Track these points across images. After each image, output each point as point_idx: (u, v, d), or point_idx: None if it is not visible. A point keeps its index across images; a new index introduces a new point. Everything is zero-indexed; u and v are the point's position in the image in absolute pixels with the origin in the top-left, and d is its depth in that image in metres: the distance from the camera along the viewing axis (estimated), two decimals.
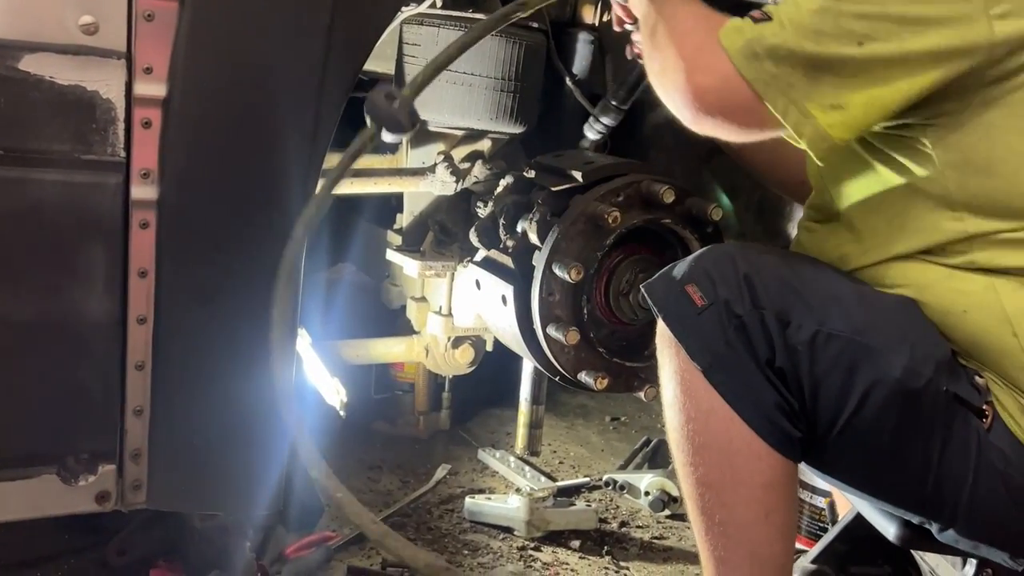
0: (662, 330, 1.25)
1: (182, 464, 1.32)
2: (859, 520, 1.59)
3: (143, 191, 1.21)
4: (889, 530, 1.32)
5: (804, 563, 1.66)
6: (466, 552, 1.83)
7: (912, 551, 1.61)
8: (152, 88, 1.18)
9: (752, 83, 1.13)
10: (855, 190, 1.28)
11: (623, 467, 2.29)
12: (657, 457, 2.39)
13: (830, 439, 1.17)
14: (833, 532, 1.66)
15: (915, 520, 1.25)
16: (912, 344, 1.15)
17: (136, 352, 1.25)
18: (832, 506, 1.90)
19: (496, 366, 2.33)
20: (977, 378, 1.17)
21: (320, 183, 1.30)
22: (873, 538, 1.56)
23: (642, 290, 1.28)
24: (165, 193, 1.22)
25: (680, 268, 1.24)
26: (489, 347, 2.18)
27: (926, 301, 1.19)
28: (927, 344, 1.16)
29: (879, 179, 1.24)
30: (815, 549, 1.67)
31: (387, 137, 1.25)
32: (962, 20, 1.09)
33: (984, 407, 1.15)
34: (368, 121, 1.25)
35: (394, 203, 2.25)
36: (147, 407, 1.28)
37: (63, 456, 1.24)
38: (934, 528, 1.23)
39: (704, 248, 1.28)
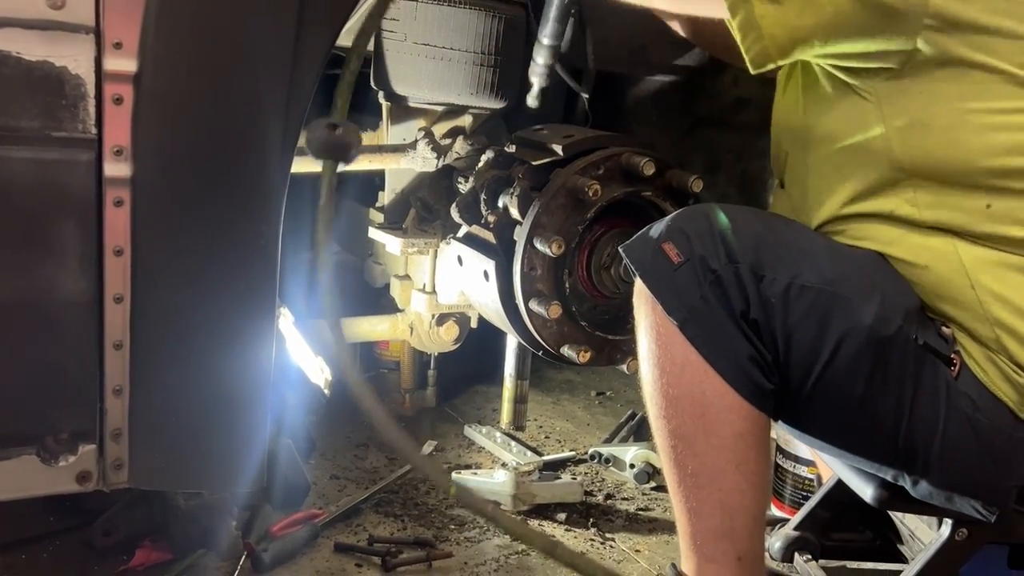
0: (639, 288, 1.27)
1: (163, 443, 1.31)
2: (840, 487, 1.61)
3: (116, 168, 1.19)
4: (867, 492, 1.34)
5: (787, 530, 1.68)
6: (453, 527, 1.84)
7: (892, 515, 1.64)
8: (122, 63, 1.16)
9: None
10: (806, 149, 1.32)
11: (608, 440, 2.30)
12: (642, 430, 2.40)
13: (804, 393, 1.20)
14: (815, 499, 1.69)
15: (890, 475, 1.27)
16: (882, 293, 1.18)
17: (114, 331, 1.24)
18: (819, 478, 1.92)
19: (481, 343, 2.34)
20: (944, 328, 1.20)
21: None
22: (854, 504, 1.58)
23: (620, 251, 1.30)
24: (139, 170, 1.20)
25: (657, 227, 1.27)
26: (474, 324, 2.19)
27: (892, 255, 1.23)
28: (896, 294, 1.20)
29: (829, 137, 1.27)
30: (797, 516, 1.69)
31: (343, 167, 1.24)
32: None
33: (952, 356, 1.18)
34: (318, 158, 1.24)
35: (377, 182, 2.23)
36: (127, 386, 1.27)
37: (42, 436, 1.23)
38: (908, 482, 1.25)
39: (681, 208, 1.30)
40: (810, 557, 1.65)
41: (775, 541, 1.67)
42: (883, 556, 1.70)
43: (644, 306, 1.26)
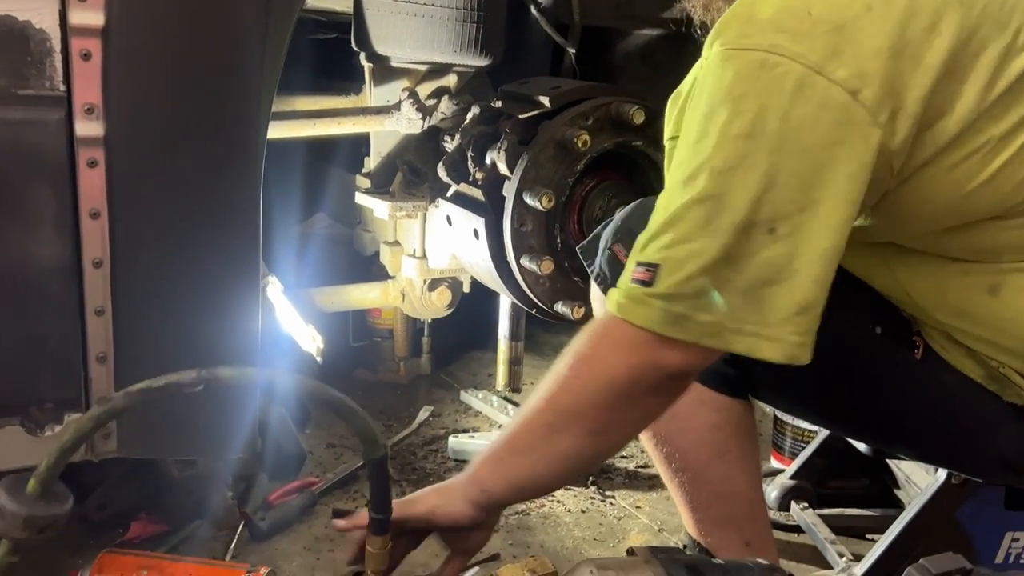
0: (595, 290, 1.24)
1: (151, 410, 1.28)
2: (836, 435, 1.60)
3: (88, 127, 1.15)
4: (860, 443, 1.33)
5: (783, 479, 1.67)
6: None
7: (888, 461, 1.63)
8: (88, 16, 1.12)
9: (698, 341, 0.94)
10: None
11: None
12: None
13: (768, 383, 1.18)
14: (811, 448, 1.68)
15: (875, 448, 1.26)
16: (839, 289, 1.07)
17: (94, 297, 1.21)
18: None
19: (475, 309, 2.31)
20: (902, 312, 1.15)
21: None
22: (850, 452, 1.57)
23: (577, 250, 1.27)
24: (112, 129, 1.16)
25: (608, 228, 1.22)
26: (466, 289, 2.16)
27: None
28: (852, 290, 1.12)
29: None
30: (793, 465, 1.68)
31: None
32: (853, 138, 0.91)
33: (914, 338, 1.14)
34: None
35: (364, 150, 2.20)
36: (111, 353, 1.24)
37: (26, 406, 1.20)
38: (889, 451, 1.24)
39: (630, 204, 1.25)
40: (807, 505, 1.65)
41: (771, 490, 1.67)
42: (880, 502, 1.70)
43: (602, 309, 1.19)
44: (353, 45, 1.99)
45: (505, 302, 2.02)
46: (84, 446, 1.27)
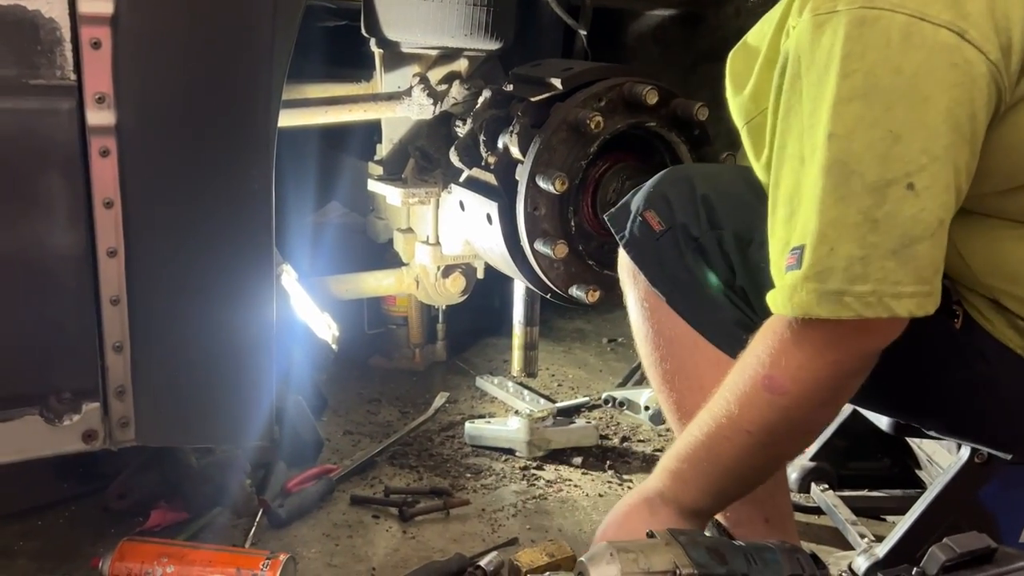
0: (623, 258, 1.23)
1: (168, 398, 1.29)
2: (856, 416, 1.58)
3: (99, 116, 1.15)
4: (883, 420, 1.31)
5: (802, 461, 1.66)
6: (469, 475, 1.82)
7: (909, 440, 1.61)
8: (97, 5, 1.12)
9: (861, 314, 0.91)
10: None
11: (622, 385, 2.28)
12: None
13: None
14: (831, 428, 1.66)
15: (900, 420, 1.24)
16: None
17: (109, 286, 1.21)
18: None
19: (488, 295, 2.30)
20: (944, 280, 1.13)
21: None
22: (871, 432, 1.55)
23: (605, 219, 1.26)
24: (124, 118, 1.16)
25: (639, 194, 1.21)
26: (480, 275, 2.15)
27: None
28: None
29: None
30: (814, 446, 1.66)
31: None
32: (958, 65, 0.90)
33: (954, 307, 1.12)
34: None
35: (376, 137, 2.19)
36: (127, 342, 1.25)
37: (44, 396, 1.21)
38: (919, 427, 1.22)
39: (662, 171, 1.24)
40: (827, 487, 1.63)
41: (791, 472, 1.65)
42: (900, 483, 1.67)
43: (629, 279, 1.22)
44: (363, 31, 1.98)
45: (519, 287, 2.01)
46: (102, 434, 1.28)
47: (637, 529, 1.04)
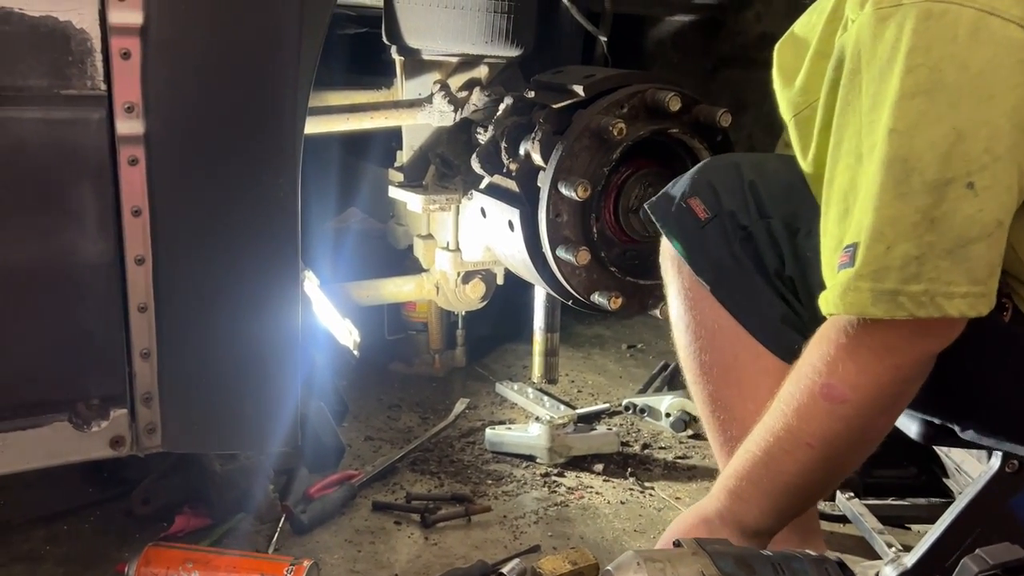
0: (665, 247, 1.21)
1: (195, 405, 1.30)
2: None
3: (128, 126, 1.16)
4: (911, 428, 1.29)
5: None
6: (490, 482, 1.82)
7: (937, 449, 1.59)
8: (127, 16, 1.13)
9: (914, 314, 0.89)
10: None
11: (642, 391, 2.27)
12: (676, 380, 2.37)
13: None
14: None
15: (936, 420, 1.22)
16: None
17: (137, 294, 1.23)
18: None
19: (508, 301, 2.31)
20: None
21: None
22: (898, 439, 1.52)
23: (644, 208, 1.24)
24: (152, 127, 1.18)
25: (683, 181, 1.19)
26: (500, 281, 2.15)
27: None
28: None
29: None
30: None
31: None
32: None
33: (1003, 300, 1.10)
34: None
35: (396, 144, 2.20)
36: (154, 349, 1.26)
37: (73, 402, 1.22)
38: (956, 427, 1.19)
39: (706, 159, 1.23)
40: (852, 495, 1.62)
41: None
42: (927, 491, 1.65)
43: (672, 267, 1.19)
44: (384, 39, 1.99)
45: (540, 293, 2.01)
46: (129, 440, 1.29)
47: None
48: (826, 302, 0.93)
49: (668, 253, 1.21)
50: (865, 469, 1.64)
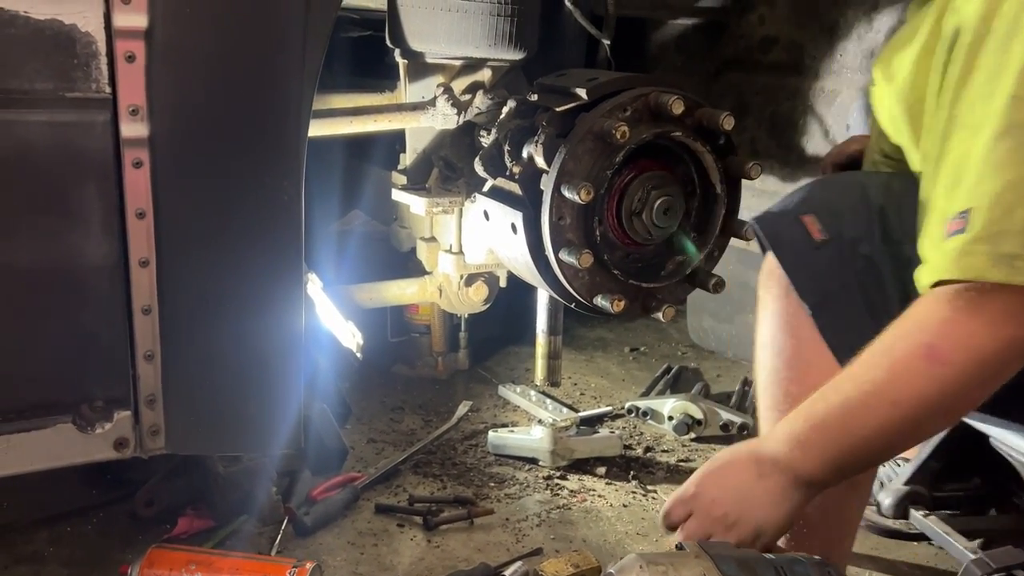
0: (770, 265, 1.12)
1: (198, 407, 1.30)
2: (951, 435, 1.52)
3: (133, 128, 1.17)
4: (995, 431, 1.25)
5: (896, 485, 1.59)
6: (492, 484, 1.82)
7: (1012, 461, 1.51)
8: (132, 19, 1.13)
9: None
10: None
11: (645, 394, 2.27)
12: (679, 383, 2.37)
13: None
14: (926, 451, 1.58)
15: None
16: None
17: (141, 296, 1.23)
18: None
19: (511, 304, 2.31)
20: None
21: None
22: (964, 452, 1.49)
23: (750, 222, 1.16)
24: (156, 130, 1.18)
25: (797, 196, 1.12)
26: (503, 284, 2.15)
27: None
28: None
29: None
30: (908, 469, 1.60)
31: None
32: None
33: None
34: None
35: (399, 147, 2.20)
36: (158, 351, 1.26)
37: (77, 404, 1.23)
38: None
39: (828, 175, 1.16)
40: (927, 511, 1.56)
41: (884, 498, 1.58)
42: (993, 502, 1.61)
43: (774, 287, 1.11)
44: (388, 42, 1.99)
45: (543, 296, 2.01)
46: (133, 442, 1.29)
47: (737, 486, 0.98)
48: (934, 269, 0.90)
49: (773, 272, 1.12)
50: (934, 483, 1.59)
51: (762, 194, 2.38)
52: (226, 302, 1.27)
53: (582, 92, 1.63)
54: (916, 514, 1.56)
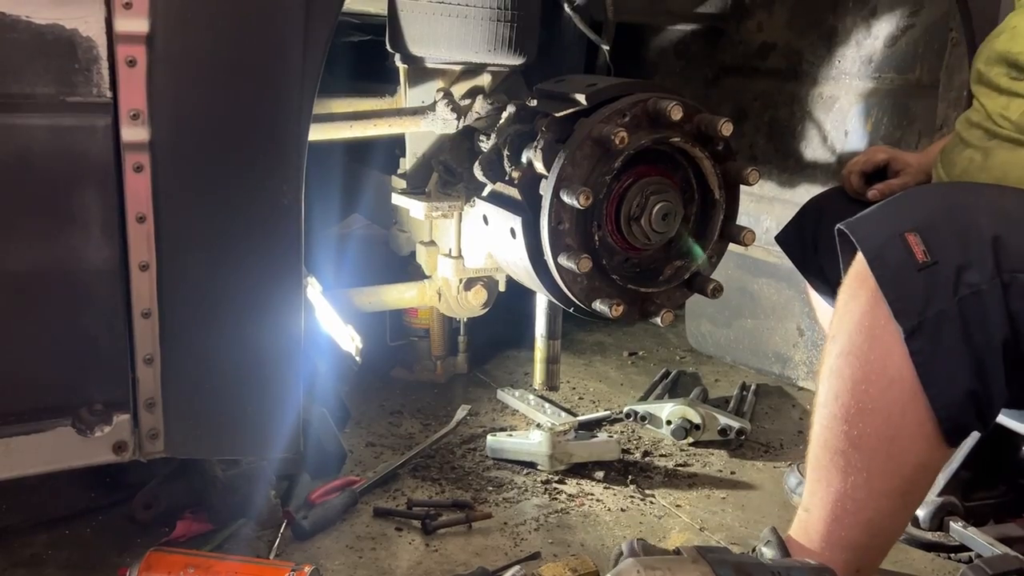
0: (862, 272, 1.07)
1: (197, 411, 1.31)
2: (980, 445, 1.53)
3: (134, 133, 1.17)
4: None
5: (931, 496, 1.58)
6: (491, 488, 1.82)
7: None
8: (133, 24, 1.14)
9: None
10: None
11: (643, 399, 2.27)
12: (677, 387, 2.38)
13: None
14: (957, 461, 1.58)
15: None
16: None
17: (141, 300, 1.23)
18: None
19: (510, 309, 2.31)
20: None
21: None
22: (992, 462, 1.49)
23: (842, 228, 1.10)
24: (157, 134, 1.19)
25: (902, 208, 1.06)
26: (502, 288, 2.16)
27: None
28: None
29: None
30: (940, 480, 1.59)
31: None
32: None
33: None
34: None
35: (399, 151, 2.21)
36: (157, 355, 1.26)
37: (76, 408, 1.23)
38: None
39: (936, 188, 1.09)
40: (964, 523, 1.54)
41: (920, 511, 1.56)
42: (1018, 509, 1.61)
43: (865, 295, 1.06)
44: (388, 47, 2.00)
45: (541, 300, 2.02)
46: (132, 446, 1.29)
47: None
48: None
49: (866, 281, 1.06)
50: (966, 493, 1.59)
51: (760, 199, 2.39)
52: (226, 306, 1.28)
53: (581, 97, 1.64)
54: (955, 526, 1.55)
